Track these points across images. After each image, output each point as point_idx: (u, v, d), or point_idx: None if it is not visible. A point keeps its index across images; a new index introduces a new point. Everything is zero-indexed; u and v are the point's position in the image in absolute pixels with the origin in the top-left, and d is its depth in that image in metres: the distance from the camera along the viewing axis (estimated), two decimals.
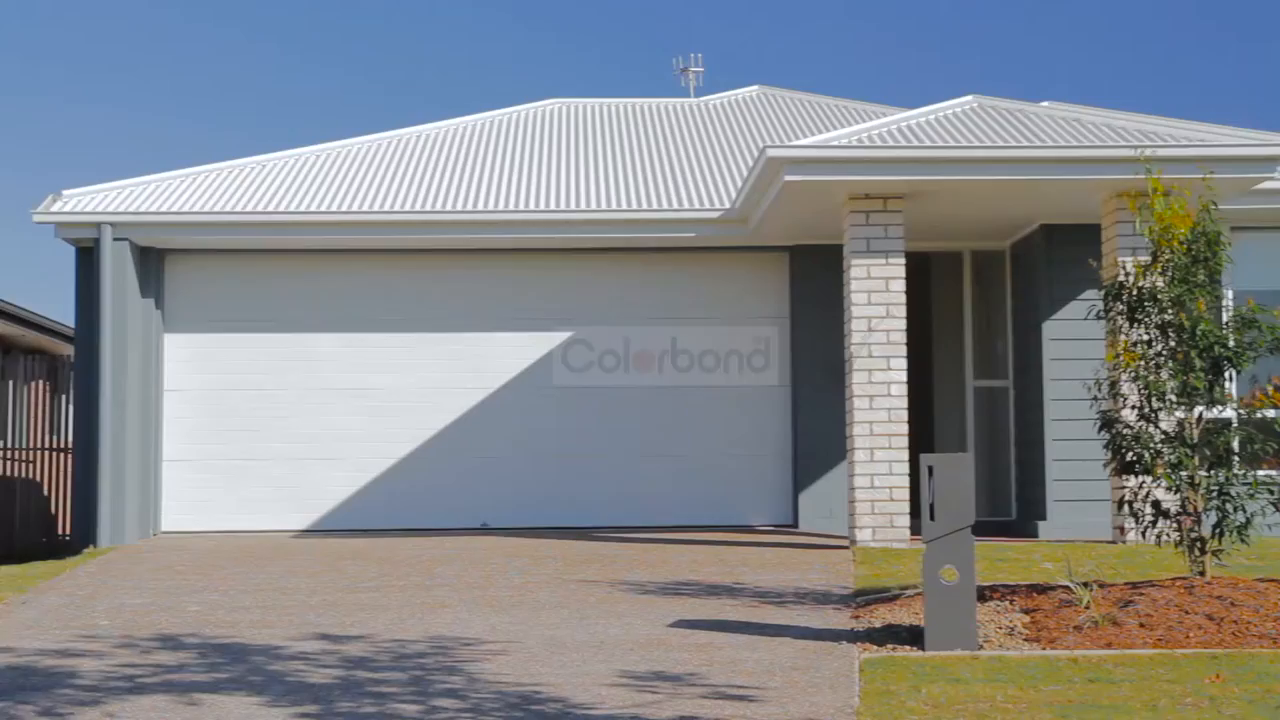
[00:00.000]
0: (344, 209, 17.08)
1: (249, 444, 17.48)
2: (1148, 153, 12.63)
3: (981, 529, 14.70)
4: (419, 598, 11.46)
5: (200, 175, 18.22)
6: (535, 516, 17.27)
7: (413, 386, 17.59)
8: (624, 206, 17.15)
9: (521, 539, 15.85)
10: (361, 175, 18.47)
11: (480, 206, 17.14)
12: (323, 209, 17.07)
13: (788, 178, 14.20)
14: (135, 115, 51.53)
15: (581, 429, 17.55)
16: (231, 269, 17.61)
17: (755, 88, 23.28)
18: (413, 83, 53.08)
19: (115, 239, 16.58)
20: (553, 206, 17.17)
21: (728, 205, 16.92)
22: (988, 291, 17.90)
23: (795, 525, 17.14)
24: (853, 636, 9.38)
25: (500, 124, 21.07)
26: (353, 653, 9.16)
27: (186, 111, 51.93)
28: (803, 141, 15.31)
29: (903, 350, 14.52)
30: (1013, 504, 17.17)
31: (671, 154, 19.50)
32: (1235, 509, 9.91)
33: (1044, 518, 15.88)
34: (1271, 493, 10.02)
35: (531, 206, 17.16)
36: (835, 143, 14.42)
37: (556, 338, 17.63)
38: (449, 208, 17.10)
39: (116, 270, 16.55)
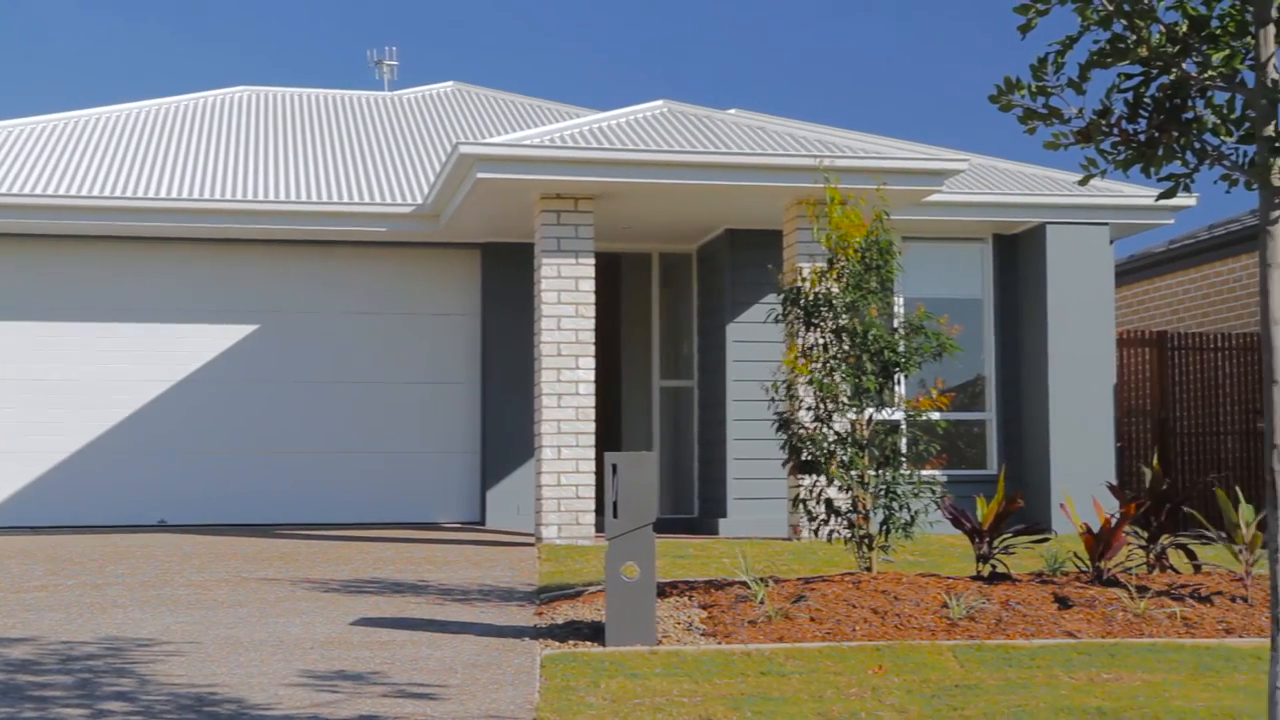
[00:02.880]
0: (11, 191, 16.30)
1: None
2: (826, 162, 13.09)
3: (665, 526, 15.04)
4: (89, 597, 11.03)
5: None
6: (216, 513, 16.85)
7: (89, 377, 16.93)
8: (315, 199, 16.88)
9: (201, 536, 15.43)
10: (34, 156, 17.67)
11: (165, 194, 16.61)
12: None
13: (480, 175, 14.21)
14: None
15: (266, 424, 17.20)
16: None
17: (450, 84, 23.21)
18: (87, 64, 51.00)
19: None
20: (241, 196, 16.77)
21: (420, 201, 16.83)
22: (675, 293, 18.28)
23: (483, 523, 17.17)
24: (535, 633, 9.45)
25: (187, 110, 20.45)
26: (15, 656, 8.76)
27: None
28: (495, 139, 15.35)
29: (591, 349, 14.70)
30: (695, 502, 17.57)
31: (365, 147, 19.27)
32: (901, 507, 10.37)
33: (724, 515, 16.30)
34: (934, 492, 10.53)
35: (219, 195, 16.72)
36: (527, 142, 14.50)
37: (243, 330, 17.23)
38: (131, 194, 16.52)
39: None
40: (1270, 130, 5.95)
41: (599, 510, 14.29)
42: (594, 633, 9.28)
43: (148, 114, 20.02)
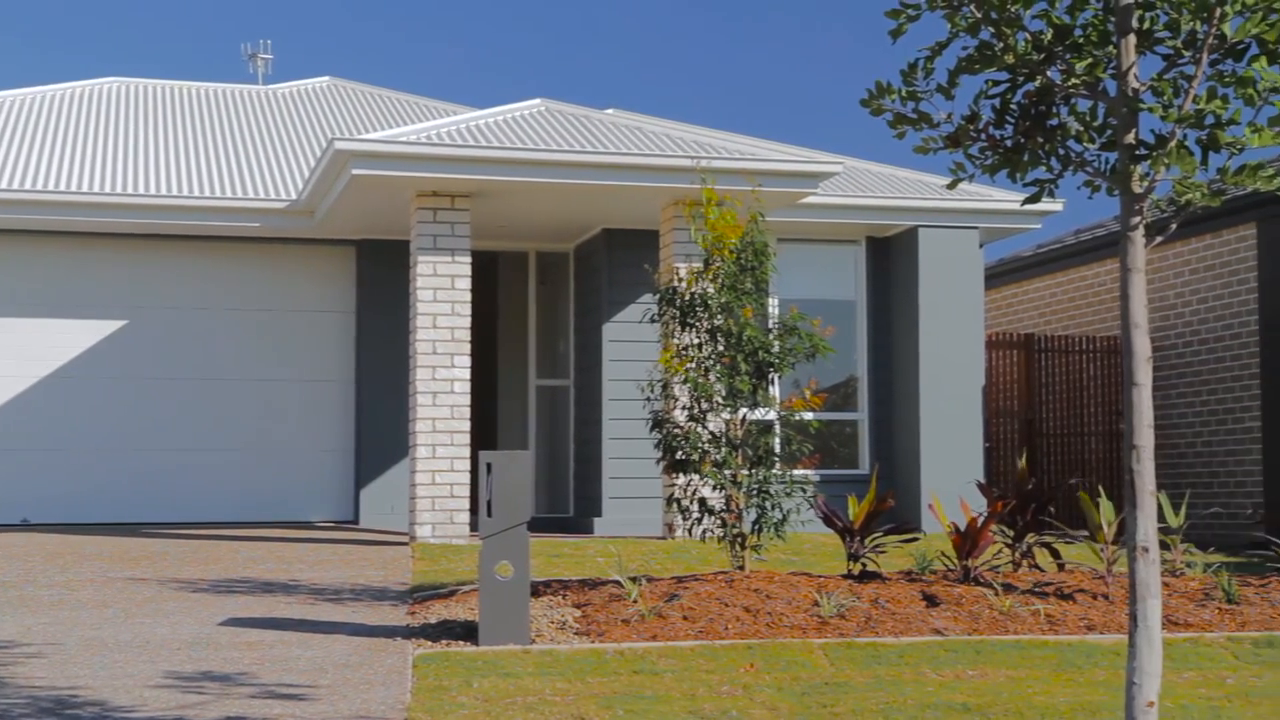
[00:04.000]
0: None
1: None
2: (703, 164, 13.15)
3: (540, 525, 15.03)
4: None
5: None
6: (81, 512, 16.50)
7: None
8: (186, 193, 16.59)
9: (66, 535, 15.10)
10: None
11: (29, 186, 16.23)
12: None
13: (355, 171, 14.08)
14: None
15: (134, 421, 16.88)
16: None
17: (325, 79, 22.95)
18: None
19: None
20: (110, 190, 16.42)
21: (295, 196, 16.64)
22: (552, 292, 18.25)
23: (356, 522, 17.01)
24: (408, 633, 9.40)
25: (53, 100, 20.01)
26: None
27: None
28: (371, 135, 15.22)
29: (467, 348, 14.64)
30: (571, 501, 17.56)
31: (238, 141, 19.00)
32: (773, 506, 10.45)
33: (600, 514, 16.32)
34: (805, 491, 10.63)
35: (87, 188, 16.37)
36: (404, 138, 14.40)
37: (110, 326, 16.90)
38: None
39: None
40: (1131, 138, 6.10)
41: (474, 509, 14.22)
42: (467, 632, 9.25)
43: (10, 103, 19.56)
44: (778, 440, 10.81)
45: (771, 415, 10.93)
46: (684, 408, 10.80)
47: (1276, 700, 8.04)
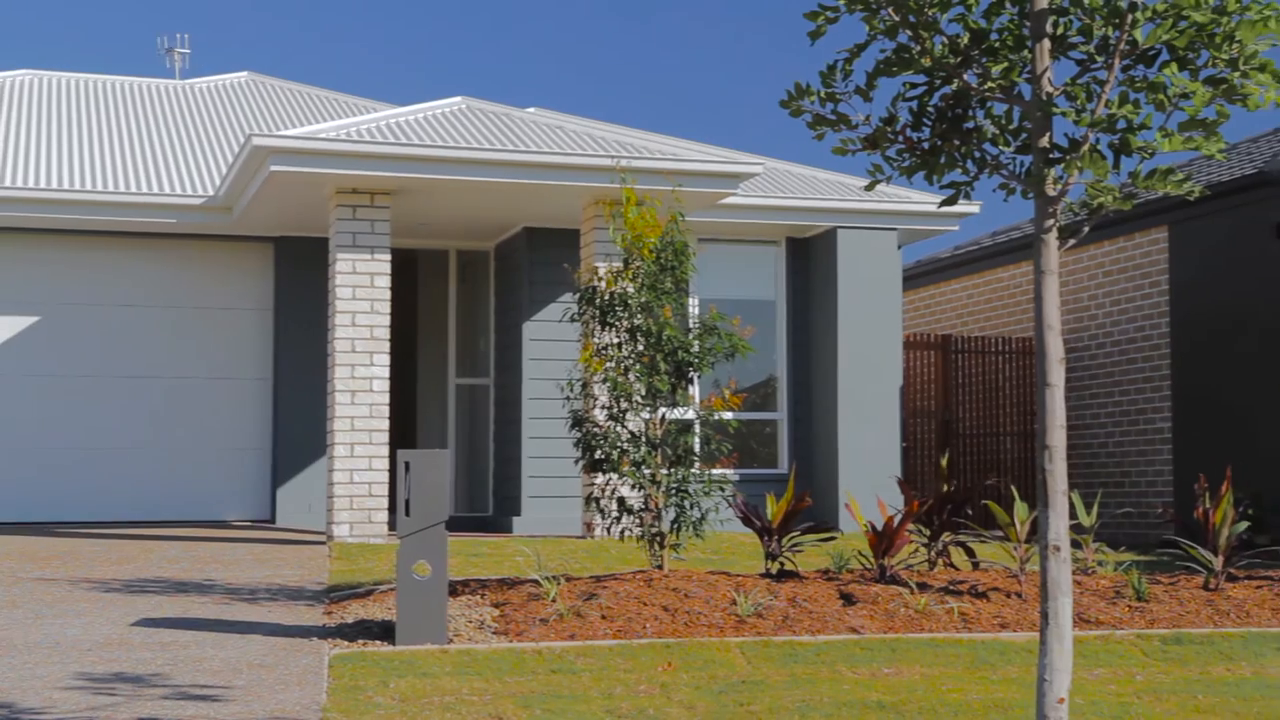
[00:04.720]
0: None
1: None
2: (624, 163, 13.16)
3: (460, 524, 14.98)
4: None
5: None
6: None
7: None
8: (101, 188, 16.36)
9: None
10: None
11: None
12: None
13: (274, 168, 13.97)
14: None
15: (46, 419, 16.63)
16: None
17: (244, 74, 22.73)
18: None
19: None
20: (22, 184, 16.17)
21: (213, 193, 16.46)
22: (472, 290, 18.19)
23: (273, 521, 16.87)
24: (324, 632, 9.34)
25: None
26: None
27: None
28: (290, 132, 15.09)
29: (386, 346, 14.57)
30: (490, 500, 17.51)
31: (154, 136, 18.77)
32: (692, 505, 10.49)
33: (519, 513, 16.28)
34: (724, 490, 10.67)
35: None
36: (323, 135, 14.30)
37: (21, 323, 16.65)
38: None
39: None
40: (1045, 141, 6.18)
41: (392, 508, 14.15)
42: (384, 632, 9.20)
43: None
44: (697, 439, 10.84)
45: (691, 415, 10.95)
46: (603, 407, 10.81)
47: (1184, 696, 8.18)
